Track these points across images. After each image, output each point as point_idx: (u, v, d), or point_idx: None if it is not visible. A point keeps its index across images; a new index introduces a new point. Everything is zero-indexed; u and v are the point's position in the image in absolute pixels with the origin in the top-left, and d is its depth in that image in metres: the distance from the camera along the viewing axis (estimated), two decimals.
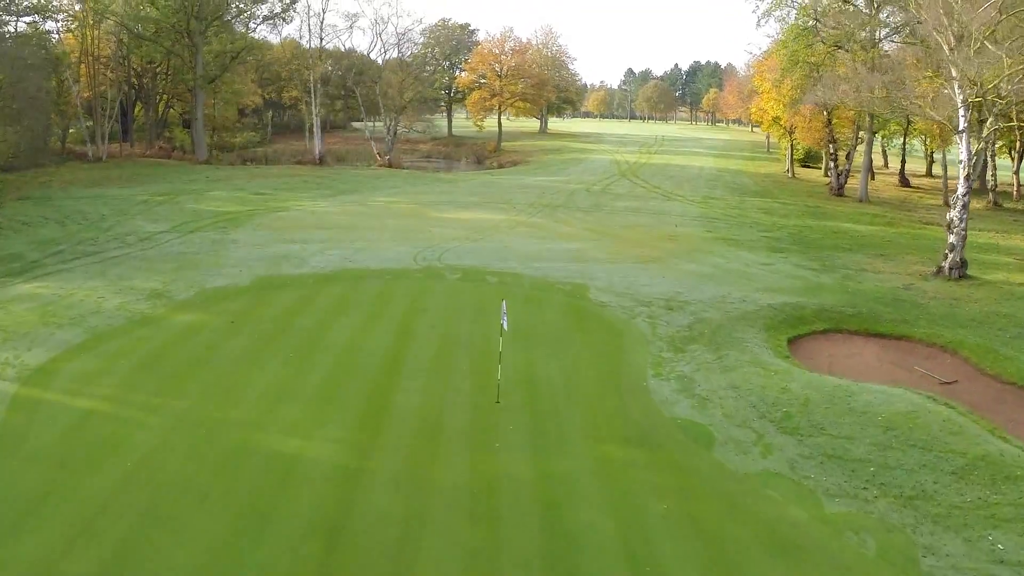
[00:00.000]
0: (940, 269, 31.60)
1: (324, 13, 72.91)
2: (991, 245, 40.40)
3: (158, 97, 77.71)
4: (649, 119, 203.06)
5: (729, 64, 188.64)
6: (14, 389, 17.87)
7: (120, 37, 66.38)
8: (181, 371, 18.86)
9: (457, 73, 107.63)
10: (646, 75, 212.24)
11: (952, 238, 31.23)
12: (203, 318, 23.02)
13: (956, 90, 30.30)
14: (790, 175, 71.62)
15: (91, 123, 66.02)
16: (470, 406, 17.10)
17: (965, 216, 31.02)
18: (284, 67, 71.57)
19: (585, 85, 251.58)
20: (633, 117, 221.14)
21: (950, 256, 31.30)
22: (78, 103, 65.81)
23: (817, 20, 50.89)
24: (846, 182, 58.40)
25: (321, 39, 69.81)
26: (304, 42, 75.21)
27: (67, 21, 61.87)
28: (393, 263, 30.08)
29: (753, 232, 40.62)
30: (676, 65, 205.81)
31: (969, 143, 30.73)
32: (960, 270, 31.29)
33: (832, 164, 58.87)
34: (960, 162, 31.09)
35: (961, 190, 30.99)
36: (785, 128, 64.72)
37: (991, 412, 20.10)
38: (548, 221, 41.54)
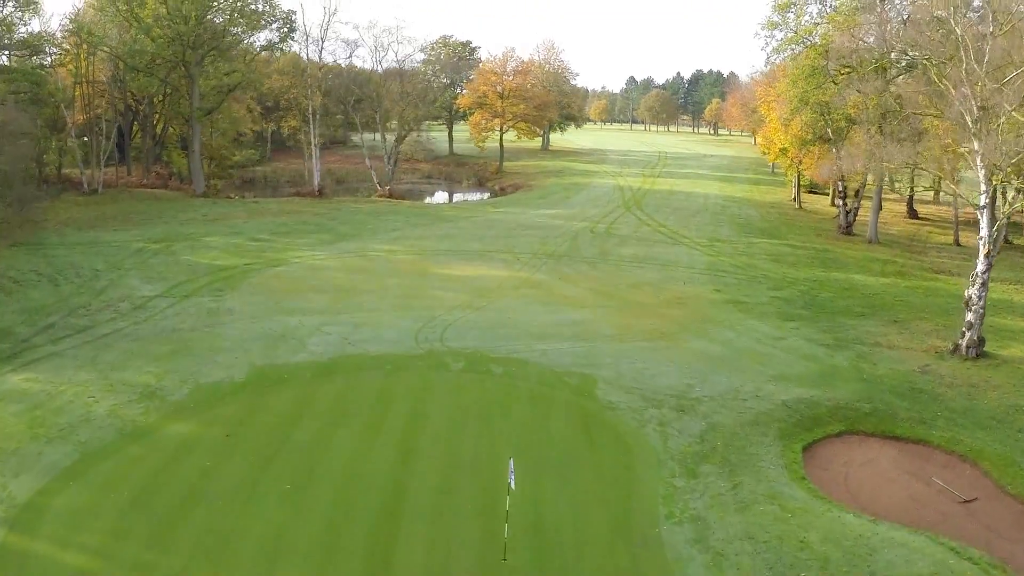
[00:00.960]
0: (957, 347, 30.79)
1: (323, 42, 71.29)
2: (1005, 303, 39.54)
3: (155, 119, 76.90)
4: (651, 126, 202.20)
5: (732, 73, 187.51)
6: (2, 535, 17.13)
7: (116, 63, 65.61)
8: (174, 511, 18.08)
9: (459, 91, 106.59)
10: (648, 84, 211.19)
11: (970, 316, 30.41)
12: (197, 430, 22.24)
13: (979, 164, 29.47)
14: (796, 205, 70.82)
15: (87, 138, 65.13)
16: (476, 563, 16.34)
17: (984, 294, 30.20)
18: (283, 95, 70.63)
19: (587, 90, 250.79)
20: (635, 123, 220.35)
21: (967, 335, 30.49)
22: (72, 132, 65.11)
23: (829, 61, 50.00)
24: (855, 220, 57.59)
25: (320, 69, 68.74)
26: (303, 54, 73.75)
27: (60, 55, 60.90)
28: (394, 345, 29.30)
29: (762, 290, 39.81)
30: (678, 74, 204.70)
31: (990, 219, 29.90)
32: (977, 348, 30.50)
33: (841, 202, 58.03)
34: (980, 238, 30.25)
35: (980, 267, 30.16)
36: (792, 160, 63.90)
37: (1011, 541, 19.39)
38: (552, 278, 40.74)
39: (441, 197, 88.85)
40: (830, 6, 52.56)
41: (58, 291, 36.91)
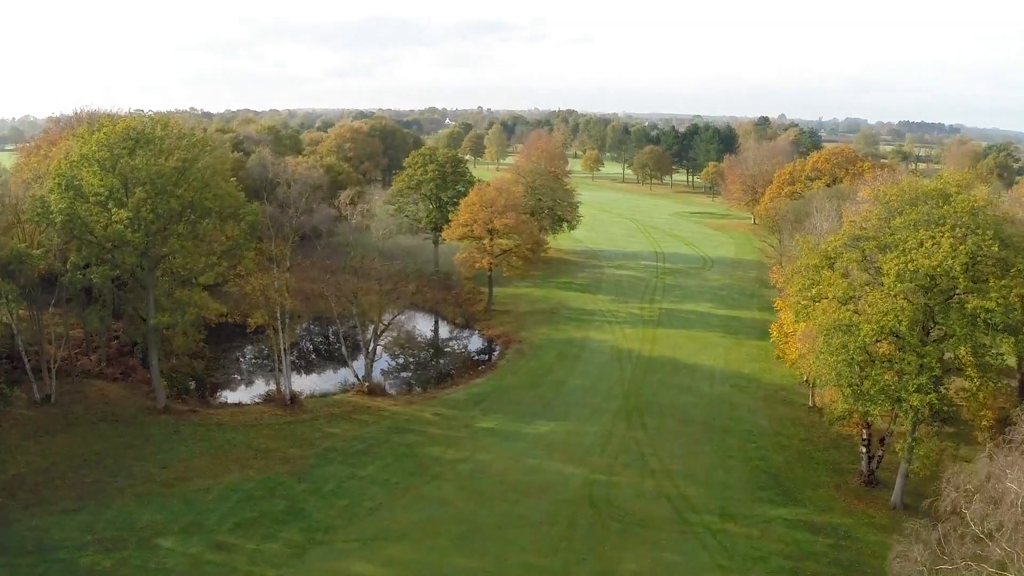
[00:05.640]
0: None
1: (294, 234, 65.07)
2: None
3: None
4: (644, 180, 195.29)
5: (728, 126, 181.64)
6: None
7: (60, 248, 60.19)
8: None
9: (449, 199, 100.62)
10: (641, 134, 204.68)
11: None
12: None
13: None
14: (809, 402, 66.16)
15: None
16: None
17: None
18: (250, 287, 64.41)
19: (578, 123, 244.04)
20: (627, 162, 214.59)
21: None
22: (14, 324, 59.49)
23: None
24: (878, 467, 52.87)
25: (289, 263, 62.94)
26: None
27: None
28: None
29: None
30: (673, 127, 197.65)
31: None
32: None
33: (864, 449, 53.29)
34: None
35: None
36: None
37: None
38: None
39: (428, 340, 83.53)
40: (874, 268, 47.43)
41: None
